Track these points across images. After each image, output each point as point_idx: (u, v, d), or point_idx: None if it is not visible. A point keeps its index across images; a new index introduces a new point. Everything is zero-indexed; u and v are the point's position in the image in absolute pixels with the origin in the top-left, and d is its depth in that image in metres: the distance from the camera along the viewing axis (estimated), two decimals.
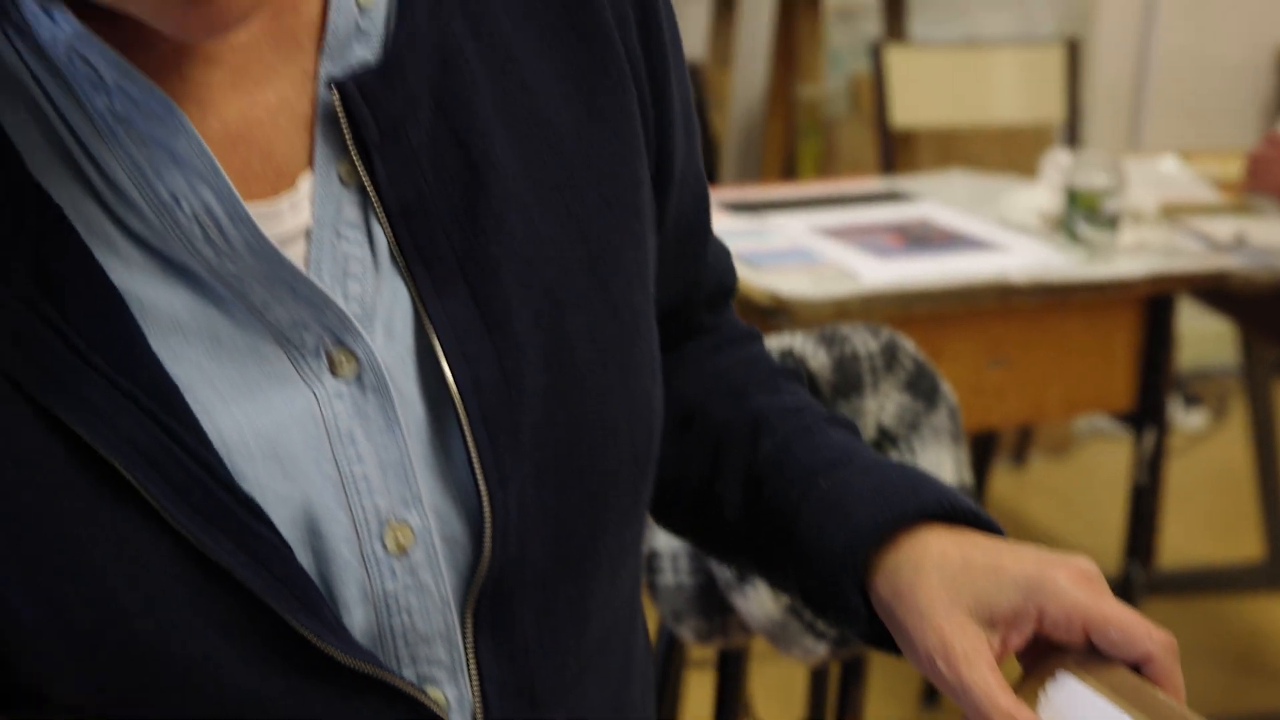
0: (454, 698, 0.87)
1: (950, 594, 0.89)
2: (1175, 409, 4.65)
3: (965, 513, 0.93)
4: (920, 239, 2.80)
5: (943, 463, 1.78)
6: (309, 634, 0.80)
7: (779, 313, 2.49)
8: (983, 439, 3.57)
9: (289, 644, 0.81)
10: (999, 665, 0.88)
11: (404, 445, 0.83)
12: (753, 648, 1.99)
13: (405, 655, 0.86)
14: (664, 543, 1.76)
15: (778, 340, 1.72)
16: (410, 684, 0.85)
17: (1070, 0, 4.77)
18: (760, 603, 1.71)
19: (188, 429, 0.78)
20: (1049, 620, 0.87)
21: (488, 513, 0.84)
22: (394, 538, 0.83)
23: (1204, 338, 4.84)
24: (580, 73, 0.90)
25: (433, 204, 0.84)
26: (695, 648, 2.19)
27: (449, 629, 0.86)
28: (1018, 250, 2.75)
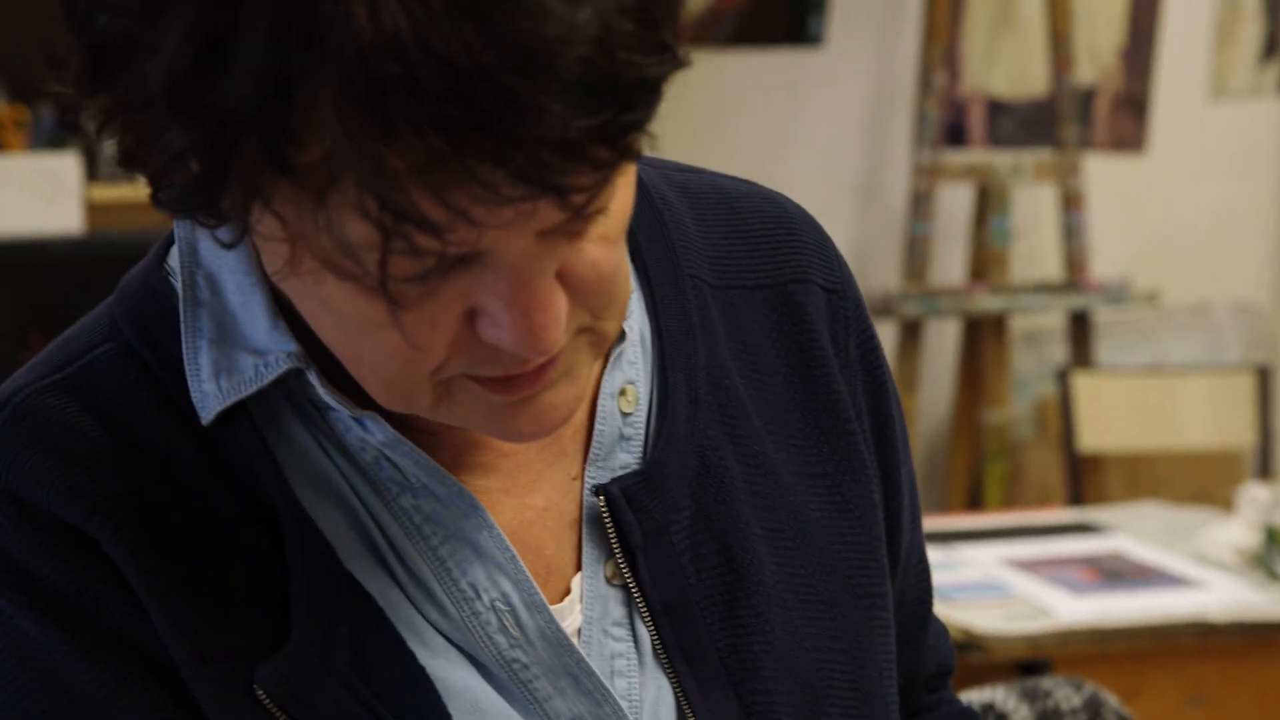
0: None
1: None
2: None
3: None
4: (1115, 574, 2.78)
5: None
6: None
7: (972, 648, 2.47)
8: None
9: None
10: None
11: None
12: None
13: None
14: None
15: (979, 694, 1.71)
16: None
17: (1257, 326, 4.76)
18: None
19: None
20: None
21: None
22: None
23: None
24: (827, 468, 0.94)
25: (695, 602, 0.87)
26: None
27: None
28: (1216, 587, 2.71)
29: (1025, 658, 2.53)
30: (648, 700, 0.86)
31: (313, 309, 0.76)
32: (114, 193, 3.47)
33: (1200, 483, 4.15)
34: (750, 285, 0.95)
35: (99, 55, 0.69)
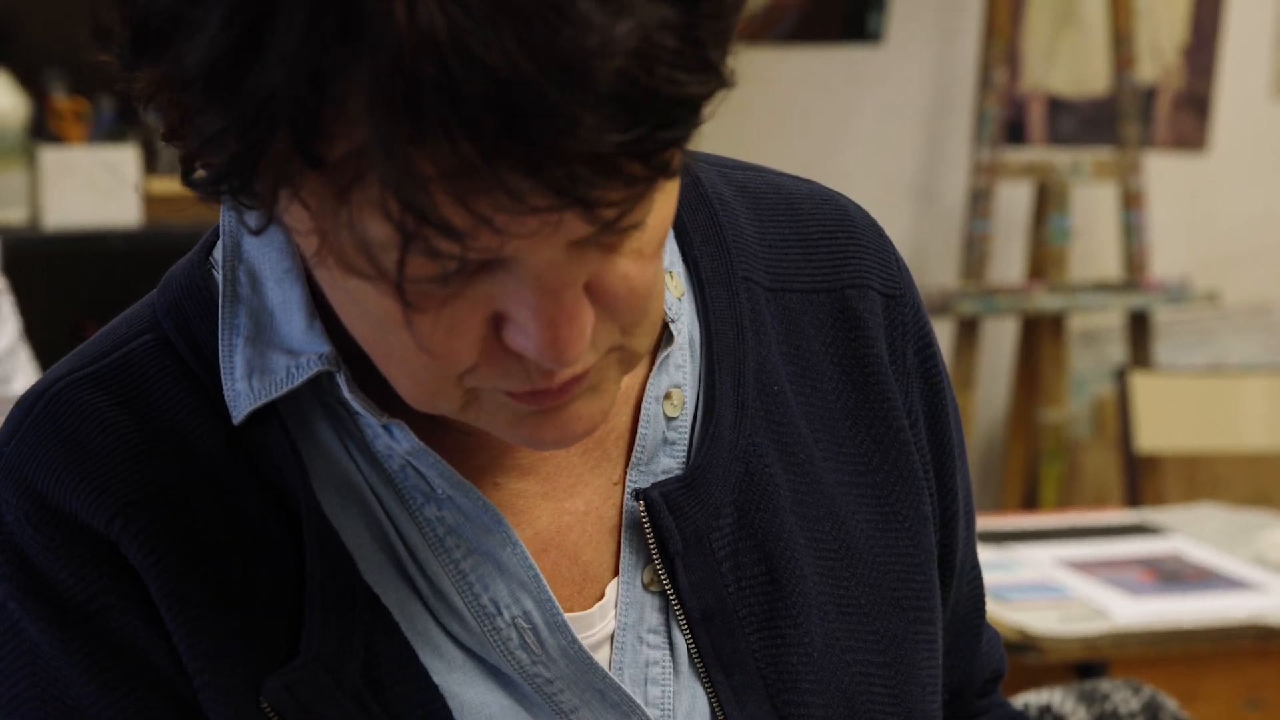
0: None
1: None
2: None
3: None
4: (1173, 575, 2.76)
5: None
6: None
7: (1028, 649, 2.45)
8: None
9: None
10: None
11: None
12: None
13: None
14: None
15: (1036, 696, 1.70)
16: None
17: None
18: None
19: None
20: None
21: None
22: None
23: None
24: (877, 478, 0.93)
25: (734, 611, 0.86)
26: None
27: None
28: (1274, 590, 2.68)
29: (1082, 659, 2.51)
30: (681, 709, 0.86)
31: (342, 300, 0.76)
32: (172, 185, 3.48)
33: (1259, 484, 4.12)
34: (806, 289, 0.94)
35: (142, 30, 0.68)
